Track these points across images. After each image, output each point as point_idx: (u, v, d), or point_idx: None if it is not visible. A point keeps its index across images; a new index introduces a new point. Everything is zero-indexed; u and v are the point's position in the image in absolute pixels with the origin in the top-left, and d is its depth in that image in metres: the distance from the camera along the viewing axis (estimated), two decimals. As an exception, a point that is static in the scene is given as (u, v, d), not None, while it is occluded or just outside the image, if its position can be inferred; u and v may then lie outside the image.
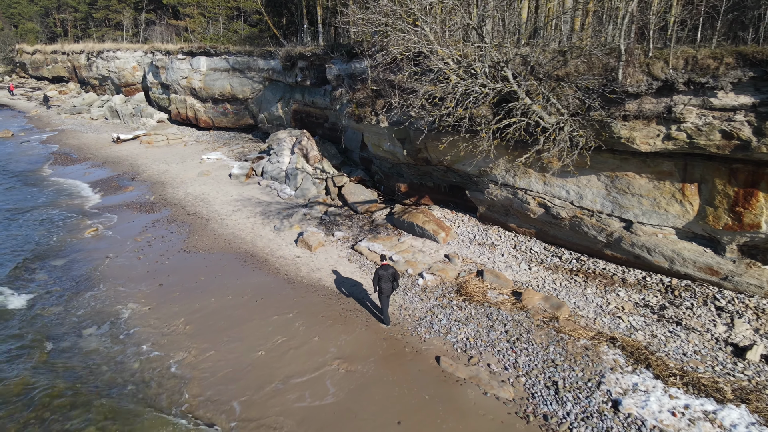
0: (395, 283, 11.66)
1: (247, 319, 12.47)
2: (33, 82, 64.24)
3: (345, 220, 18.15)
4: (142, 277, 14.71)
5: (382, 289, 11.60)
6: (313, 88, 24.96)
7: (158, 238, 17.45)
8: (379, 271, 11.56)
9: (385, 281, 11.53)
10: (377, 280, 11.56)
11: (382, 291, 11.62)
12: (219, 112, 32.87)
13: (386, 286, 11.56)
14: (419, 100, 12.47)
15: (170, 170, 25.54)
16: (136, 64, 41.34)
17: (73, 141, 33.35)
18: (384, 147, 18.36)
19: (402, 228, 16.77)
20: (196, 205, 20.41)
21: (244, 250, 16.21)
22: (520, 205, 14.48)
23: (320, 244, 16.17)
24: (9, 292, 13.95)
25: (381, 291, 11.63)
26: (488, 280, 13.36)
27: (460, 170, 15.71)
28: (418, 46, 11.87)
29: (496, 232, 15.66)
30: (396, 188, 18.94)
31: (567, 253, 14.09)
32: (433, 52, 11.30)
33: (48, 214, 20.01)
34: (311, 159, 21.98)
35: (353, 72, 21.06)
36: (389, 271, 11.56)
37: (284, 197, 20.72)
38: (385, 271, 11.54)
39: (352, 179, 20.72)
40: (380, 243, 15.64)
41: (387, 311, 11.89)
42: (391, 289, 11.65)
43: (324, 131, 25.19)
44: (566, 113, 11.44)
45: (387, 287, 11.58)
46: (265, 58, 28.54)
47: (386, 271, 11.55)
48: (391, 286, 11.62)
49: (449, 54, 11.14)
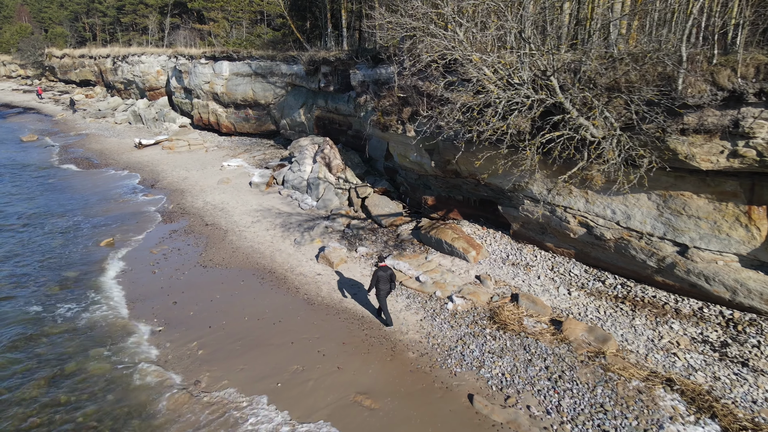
0: (392, 284, 11.98)
1: (264, 343, 11.62)
2: (61, 85, 65.20)
3: (368, 235, 17.23)
4: (156, 294, 14.00)
5: (380, 290, 11.85)
6: (336, 94, 24.16)
7: (174, 250, 16.78)
8: (378, 272, 11.84)
9: (384, 282, 11.83)
10: (375, 281, 11.84)
11: (380, 292, 11.87)
12: (241, 117, 32.37)
13: (384, 287, 11.85)
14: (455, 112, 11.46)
15: (190, 177, 25.02)
16: (160, 68, 41.29)
17: (96, 145, 33.22)
18: (410, 158, 17.41)
19: (429, 244, 15.77)
20: (214, 215, 19.74)
21: (263, 266, 15.40)
22: (559, 223, 13.35)
23: (342, 260, 15.26)
24: (13, 302, 13.37)
25: (379, 292, 11.88)
26: (524, 305, 12.27)
27: (493, 184, 14.66)
28: (454, 52, 10.87)
29: (531, 251, 14.54)
30: (422, 201, 17.96)
31: (611, 277, 12.90)
32: (471, 60, 10.30)
33: (66, 221, 19.56)
34: (334, 168, 21.15)
35: (378, 78, 20.17)
36: (387, 273, 11.90)
37: (305, 208, 19.91)
38: (384, 273, 11.86)
39: (376, 190, 19.80)
40: (406, 261, 14.66)
41: (388, 312, 12.03)
42: (389, 291, 11.96)
43: (347, 139, 24.36)
44: (617, 126, 10.31)
45: (385, 288, 11.86)
46: (288, 62, 27.91)
47: (385, 273, 11.87)
48: (389, 287, 11.92)
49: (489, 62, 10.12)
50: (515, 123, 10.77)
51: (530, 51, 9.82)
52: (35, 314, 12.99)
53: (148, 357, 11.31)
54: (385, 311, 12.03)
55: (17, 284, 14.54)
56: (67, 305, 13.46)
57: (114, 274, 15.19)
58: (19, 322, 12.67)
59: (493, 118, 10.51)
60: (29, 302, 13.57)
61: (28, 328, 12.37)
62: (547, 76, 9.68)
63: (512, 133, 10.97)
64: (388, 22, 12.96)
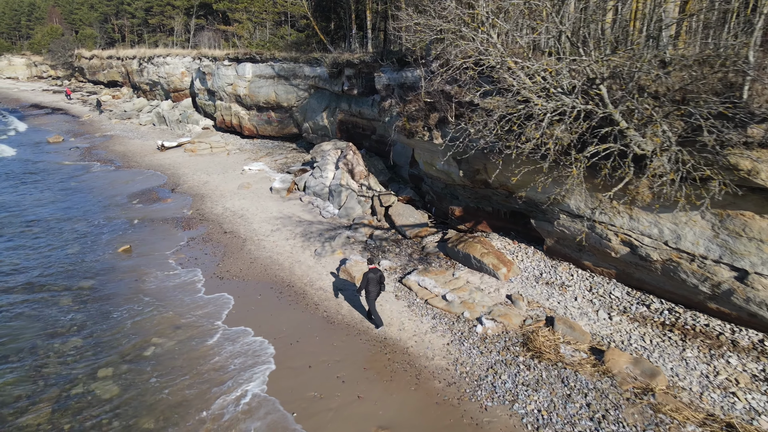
0: (382, 286, 12.07)
1: (280, 366, 10.91)
2: (90, 86, 66.15)
3: (392, 246, 16.41)
4: (170, 307, 13.46)
5: (370, 293, 11.91)
6: (360, 98, 23.42)
7: (191, 259, 16.25)
8: (369, 274, 11.89)
9: (373, 285, 11.88)
10: (365, 283, 11.85)
11: (370, 294, 11.92)
12: (263, 120, 31.92)
13: (374, 289, 11.91)
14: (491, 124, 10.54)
15: (211, 181, 24.59)
16: (184, 69, 41.21)
17: (120, 147, 33.19)
18: (437, 166, 16.55)
19: (456, 259, 14.88)
20: (233, 222, 19.19)
21: (281, 279, 14.72)
22: (599, 241, 12.33)
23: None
24: (24, 318, 12.96)
25: (368, 294, 11.92)
26: (560, 330, 11.30)
27: (526, 197, 13.70)
28: (488, 57, 9.97)
29: (566, 269, 13.53)
30: (449, 211, 17.07)
31: (657, 301, 11.82)
32: (507, 66, 9.40)
33: (85, 226, 19.26)
34: (357, 175, 20.41)
35: (404, 81, 19.35)
36: (377, 275, 11.95)
37: (327, 216, 19.21)
38: (374, 275, 11.90)
39: (400, 199, 18.98)
40: (432, 277, 13.80)
41: (377, 313, 12.09)
42: (378, 293, 12.03)
43: (371, 144, 23.60)
44: (672, 139, 9.28)
45: (374, 290, 11.93)
46: (311, 65, 27.30)
47: (375, 275, 11.91)
48: (379, 289, 12.01)
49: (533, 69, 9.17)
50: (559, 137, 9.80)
51: (578, 56, 8.86)
52: (41, 330, 12.55)
53: (158, 386, 10.71)
54: (374, 313, 12.08)
55: (29, 295, 14.15)
56: (78, 315, 12.99)
57: (129, 285, 14.71)
58: (27, 338, 12.24)
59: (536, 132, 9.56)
60: (39, 316, 13.15)
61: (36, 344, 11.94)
62: (597, 84, 8.71)
63: (556, 149, 9.99)
64: (416, 24, 12.11)
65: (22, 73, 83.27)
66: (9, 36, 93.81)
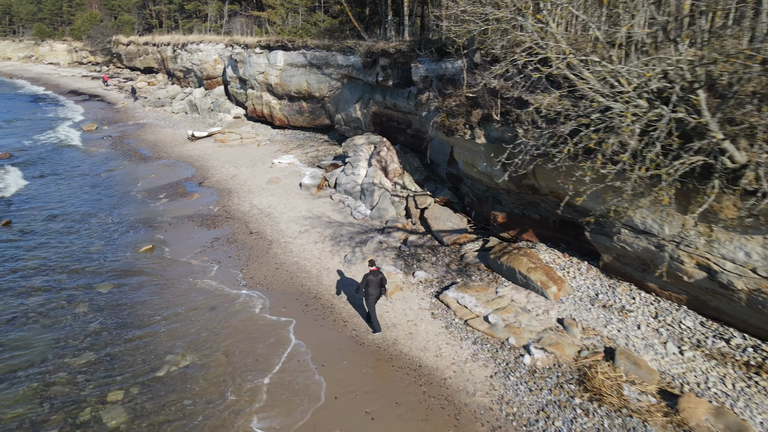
0: (383, 289, 11.68)
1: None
2: (127, 72, 66.66)
3: (428, 254, 15.10)
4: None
5: (370, 294, 11.52)
6: (395, 90, 22.00)
7: (214, 262, 15.36)
8: (369, 276, 11.50)
9: (374, 287, 11.48)
10: (365, 284, 11.46)
11: (369, 296, 11.53)
12: (294, 110, 30.88)
13: (374, 291, 11.51)
14: (569, 146, 8.92)
15: (239, 175, 23.73)
16: (217, 56, 40.53)
17: (151, 137, 32.78)
18: (479, 167, 15.08)
19: (499, 272, 13.47)
20: (260, 221, 18.22)
21: (308, 289, 13.64)
22: (669, 262, 10.70)
23: (397, 287, 13.26)
24: (38, 326, 12.28)
25: (368, 295, 11.54)
26: (623, 366, 9.82)
27: (580, 206, 12.15)
28: (553, 53, 8.44)
29: (627, 290, 11.95)
30: (491, 217, 15.60)
31: (739, 336, 10.16)
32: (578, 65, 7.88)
33: (108, 222, 18.66)
34: (390, 173, 19.10)
35: (443, 73, 17.85)
36: (378, 277, 11.56)
37: (358, 217, 18.01)
38: (374, 277, 11.51)
39: (437, 200, 17.60)
40: (473, 294, 12.45)
41: (376, 318, 11.66)
42: (378, 296, 11.64)
43: (406, 138, 22.21)
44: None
45: (375, 293, 11.53)
46: (345, 53, 25.97)
47: (375, 277, 11.52)
48: (379, 292, 11.60)
49: (620, 70, 7.59)
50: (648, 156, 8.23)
51: (676, 53, 7.23)
52: (53, 340, 11.83)
53: (167, 416, 9.79)
54: (374, 317, 11.65)
55: (45, 298, 13.51)
56: (92, 324, 12.24)
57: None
58: (39, 349, 11.54)
59: (630, 161, 8.00)
60: (53, 324, 12.47)
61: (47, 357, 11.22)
62: (695, 89, 7.11)
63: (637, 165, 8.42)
64: (462, 12, 10.61)
65: (63, 59, 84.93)
66: (51, 22, 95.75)
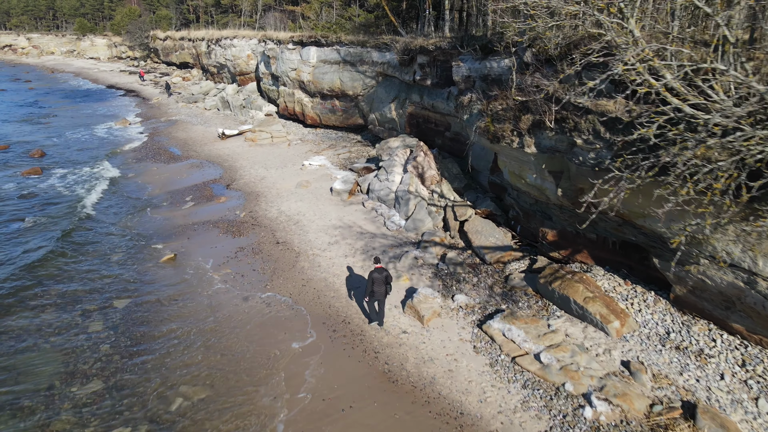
0: (388, 287, 11.46)
1: (328, 445, 8.67)
2: (163, 67, 67.09)
3: (469, 274, 13.70)
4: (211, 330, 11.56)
5: (374, 293, 11.31)
6: (434, 89, 20.56)
7: (238, 276, 14.37)
8: (373, 274, 11.30)
9: (378, 285, 11.26)
10: (371, 284, 11.24)
11: (374, 294, 11.32)
12: (327, 108, 29.76)
13: (379, 289, 11.30)
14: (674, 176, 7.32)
15: (268, 177, 22.77)
16: (250, 52, 39.85)
17: (182, 134, 32.28)
18: (527, 179, 13.57)
19: (550, 299, 11.98)
20: (287, 230, 17.15)
21: (336, 312, 12.46)
22: (762, 303, 9.03)
23: (435, 313, 11.93)
24: (48, 346, 11.48)
25: (373, 294, 11.31)
26: (706, 429, 8.25)
27: (647, 227, 10.54)
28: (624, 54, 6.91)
29: (705, 330, 10.28)
30: (539, 233, 14.06)
31: None
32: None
33: (132, 229, 17.95)
34: (427, 180, 17.73)
35: (488, 73, 16.34)
36: (383, 275, 11.33)
37: (392, 228, 16.73)
38: (379, 274, 11.29)
39: (478, 212, 16.13)
40: (521, 327, 10.99)
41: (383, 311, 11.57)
42: (385, 293, 11.42)
43: (444, 141, 20.78)
44: None
45: (380, 290, 11.32)
46: (380, 50, 24.65)
47: (380, 274, 11.30)
48: (384, 290, 11.36)
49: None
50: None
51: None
52: (63, 366, 10.99)
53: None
54: (381, 311, 11.54)
55: (60, 316, 12.75)
56: (104, 345, 11.38)
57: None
58: (46, 376, 10.72)
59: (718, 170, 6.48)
60: (64, 345, 11.66)
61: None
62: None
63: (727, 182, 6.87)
64: (523, 4, 9.13)
65: (103, 54, 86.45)
66: (93, 17, 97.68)
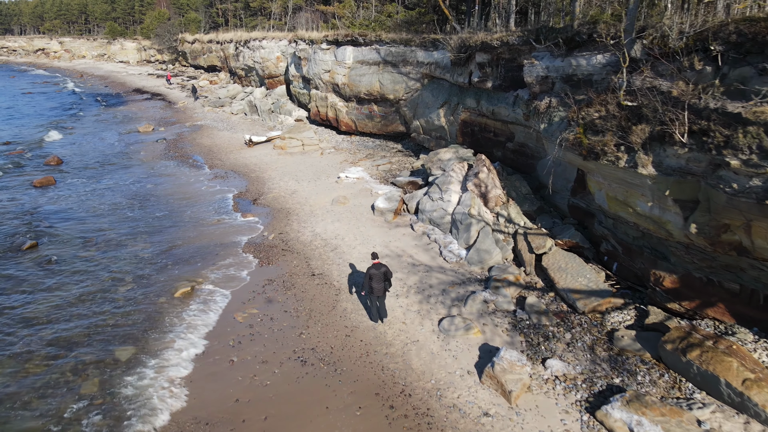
0: (387, 284, 10.90)
1: None
2: (191, 70, 65.78)
3: (558, 328, 10.70)
4: (223, 418, 8.83)
5: (374, 289, 10.78)
6: (495, 93, 17.61)
7: (266, 319, 11.67)
8: (371, 270, 10.76)
9: (377, 281, 10.72)
10: (368, 280, 10.72)
11: (373, 291, 10.79)
12: (363, 114, 27.06)
13: (378, 285, 10.75)
14: None
15: (300, 191, 20.15)
16: (280, 54, 37.57)
17: (206, 141, 30.01)
18: (637, 207, 10.55)
19: (683, 374, 8.91)
20: (324, 258, 14.42)
21: (391, 376, 9.60)
22: None
23: (525, 387, 8.98)
24: (27, 413, 8.93)
25: (372, 291, 10.79)
26: None
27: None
28: None
29: None
30: (651, 277, 10.94)
31: None
32: None
33: (144, 253, 15.47)
34: (491, 200, 14.79)
35: (573, 73, 13.37)
36: (381, 270, 10.77)
37: (450, 260, 13.83)
38: (376, 270, 10.75)
39: (559, 242, 13.11)
40: (656, 420, 7.89)
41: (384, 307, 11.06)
42: (384, 290, 10.86)
43: (505, 154, 17.81)
44: None
45: (379, 287, 10.78)
46: (426, 48, 21.86)
47: (378, 270, 10.75)
48: (384, 287, 10.81)
49: None
50: None
51: None
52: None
53: None
54: (382, 309, 11.03)
55: (46, 369, 10.21)
56: (95, 418, 8.77)
57: (182, 370, 10.28)
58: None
59: None
60: (48, 414, 9.09)
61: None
62: None
63: None
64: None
65: (132, 57, 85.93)
66: (123, 21, 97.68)
